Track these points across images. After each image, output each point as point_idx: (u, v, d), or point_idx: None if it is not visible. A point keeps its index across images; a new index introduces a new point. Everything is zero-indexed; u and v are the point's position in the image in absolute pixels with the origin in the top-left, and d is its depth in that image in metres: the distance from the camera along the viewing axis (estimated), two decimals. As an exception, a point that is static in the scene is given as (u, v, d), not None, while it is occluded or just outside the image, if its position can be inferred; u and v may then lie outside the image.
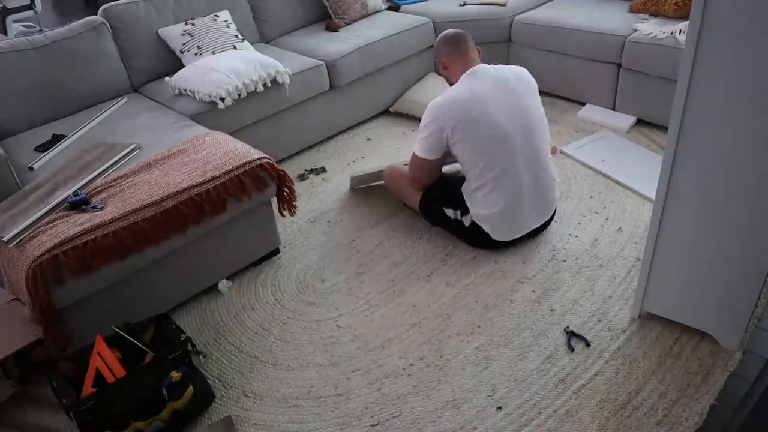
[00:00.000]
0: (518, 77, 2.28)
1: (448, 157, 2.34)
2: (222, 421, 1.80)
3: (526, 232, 2.32)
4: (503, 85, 2.23)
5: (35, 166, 2.33)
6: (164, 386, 1.74)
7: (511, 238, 2.31)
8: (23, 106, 2.64)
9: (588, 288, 2.15)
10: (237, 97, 2.69)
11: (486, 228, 2.27)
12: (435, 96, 3.32)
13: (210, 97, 2.63)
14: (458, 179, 2.33)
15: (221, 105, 2.64)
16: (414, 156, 2.33)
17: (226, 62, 2.73)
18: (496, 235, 2.28)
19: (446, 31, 2.38)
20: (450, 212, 2.34)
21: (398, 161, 2.78)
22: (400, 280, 2.27)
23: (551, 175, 2.32)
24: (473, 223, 2.29)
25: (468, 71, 2.25)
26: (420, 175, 2.38)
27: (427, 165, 2.32)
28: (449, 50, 2.31)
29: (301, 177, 2.99)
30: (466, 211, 2.29)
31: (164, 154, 2.25)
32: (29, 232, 1.90)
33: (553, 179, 2.34)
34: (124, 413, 1.70)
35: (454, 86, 2.27)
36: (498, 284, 2.20)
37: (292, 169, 3.07)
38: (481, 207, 2.25)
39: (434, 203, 2.40)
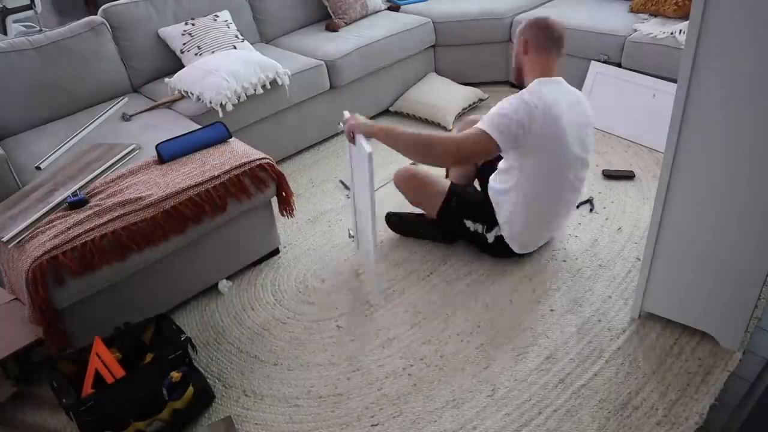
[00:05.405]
0: (584, 103, 2.10)
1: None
2: (222, 421, 1.80)
3: (542, 243, 2.31)
4: (576, 108, 2.04)
5: (42, 166, 2.33)
6: (164, 386, 1.74)
7: (529, 251, 2.28)
8: (23, 106, 2.64)
9: (588, 288, 2.15)
10: (237, 101, 2.69)
11: (512, 245, 2.20)
12: (435, 96, 3.40)
13: (210, 103, 2.65)
14: (479, 198, 2.23)
15: (221, 113, 2.66)
16: (476, 130, 1.96)
17: (226, 64, 2.73)
18: (518, 249, 2.23)
19: (552, 21, 2.04)
20: (470, 224, 2.25)
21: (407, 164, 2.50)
22: (400, 280, 2.27)
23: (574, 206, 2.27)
24: (497, 240, 2.20)
25: (547, 78, 2.02)
26: (469, 152, 1.98)
27: (485, 144, 1.95)
28: (547, 45, 2.02)
29: None
30: (490, 227, 2.20)
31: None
32: (29, 232, 1.90)
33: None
34: (124, 413, 1.70)
35: (538, 89, 1.98)
36: (498, 284, 2.20)
37: (291, 169, 3.07)
38: (516, 223, 2.14)
39: (454, 215, 2.26)
